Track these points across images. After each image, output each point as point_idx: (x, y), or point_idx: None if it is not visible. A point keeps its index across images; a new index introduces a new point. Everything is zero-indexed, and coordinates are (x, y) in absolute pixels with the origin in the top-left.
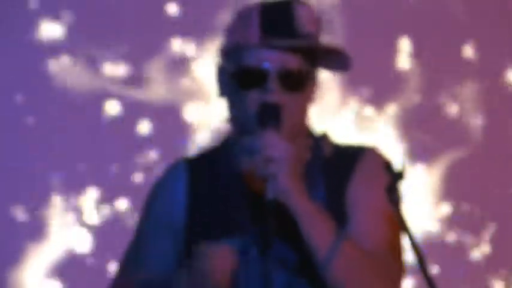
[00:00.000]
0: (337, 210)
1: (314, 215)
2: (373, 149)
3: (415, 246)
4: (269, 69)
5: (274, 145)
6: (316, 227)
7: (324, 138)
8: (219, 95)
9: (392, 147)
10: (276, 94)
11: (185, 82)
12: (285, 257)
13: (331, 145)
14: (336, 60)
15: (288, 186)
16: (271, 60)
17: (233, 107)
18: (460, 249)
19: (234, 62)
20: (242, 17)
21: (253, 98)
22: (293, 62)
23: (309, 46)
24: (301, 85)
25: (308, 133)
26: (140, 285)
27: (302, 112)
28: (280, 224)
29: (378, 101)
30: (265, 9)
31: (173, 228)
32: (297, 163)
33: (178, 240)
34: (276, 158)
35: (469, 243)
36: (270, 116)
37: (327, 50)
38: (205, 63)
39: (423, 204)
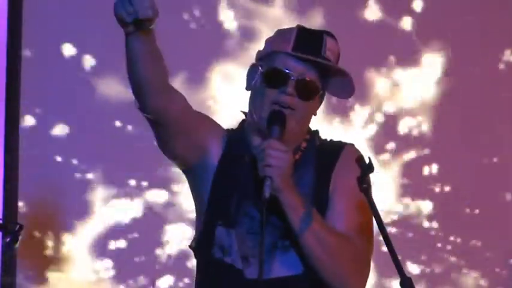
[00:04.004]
0: (323, 191)
1: (298, 208)
2: (351, 145)
3: (382, 228)
4: (291, 75)
5: (273, 155)
6: (298, 217)
7: (317, 133)
8: (246, 88)
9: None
10: (290, 97)
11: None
12: (278, 226)
13: (320, 139)
14: (342, 87)
15: (280, 187)
16: (295, 68)
17: (254, 99)
18: None
19: (266, 64)
20: (282, 33)
21: (271, 95)
22: (311, 75)
23: (328, 65)
24: (312, 96)
25: (307, 130)
26: None
27: (306, 119)
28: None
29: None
30: (303, 31)
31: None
32: (290, 167)
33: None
34: (273, 165)
35: None
36: (276, 120)
37: (340, 73)
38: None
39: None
